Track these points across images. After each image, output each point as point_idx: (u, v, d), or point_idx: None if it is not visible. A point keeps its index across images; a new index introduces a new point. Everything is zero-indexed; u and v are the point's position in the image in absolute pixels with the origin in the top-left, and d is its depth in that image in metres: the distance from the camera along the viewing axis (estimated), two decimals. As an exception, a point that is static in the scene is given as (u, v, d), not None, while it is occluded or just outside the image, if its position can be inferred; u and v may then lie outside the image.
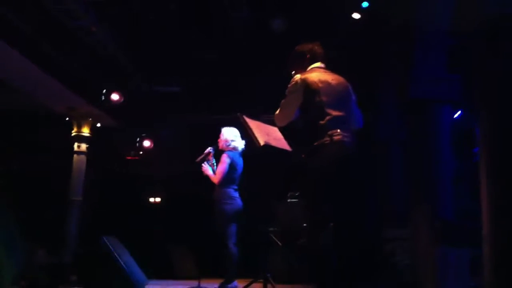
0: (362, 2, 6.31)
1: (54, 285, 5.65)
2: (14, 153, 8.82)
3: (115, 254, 5.06)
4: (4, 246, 2.80)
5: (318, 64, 3.47)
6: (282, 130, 4.09)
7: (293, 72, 3.50)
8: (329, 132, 3.14)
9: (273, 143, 4.27)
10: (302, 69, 3.46)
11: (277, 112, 3.48)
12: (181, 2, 6.81)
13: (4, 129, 8.52)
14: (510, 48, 4.15)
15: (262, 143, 4.11)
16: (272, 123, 4.59)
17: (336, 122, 3.19)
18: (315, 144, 3.16)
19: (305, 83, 3.28)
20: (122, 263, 5.02)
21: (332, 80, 3.35)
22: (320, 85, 3.27)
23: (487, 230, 4.22)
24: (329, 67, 3.52)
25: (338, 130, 3.15)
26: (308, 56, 3.49)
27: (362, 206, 3.28)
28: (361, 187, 3.31)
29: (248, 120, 4.30)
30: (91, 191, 8.60)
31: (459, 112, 7.68)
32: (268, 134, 4.34)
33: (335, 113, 3.21)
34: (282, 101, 3.43)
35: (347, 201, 3.17)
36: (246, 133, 4.41)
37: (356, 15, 6.42)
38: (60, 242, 7.68)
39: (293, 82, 3.35)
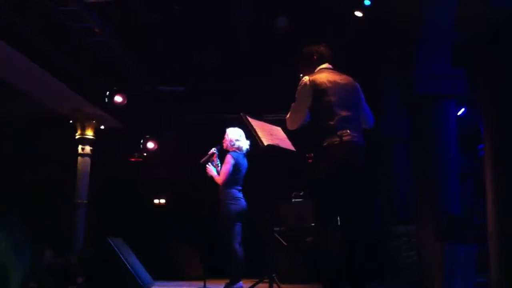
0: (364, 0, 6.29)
1: (61, 286, 5.67)
2: (21, 158, 8.87)
3: (121, 255, 5.06)
4: (12, 248, 2.81)
5: (325, 65, 3.47)
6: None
7: (301, 74, 3.49)
8: (339, 133, 3.13)
9: (277, 143, 4.26)
10: (310, 70, 3.46)
11: (288, 115, 3.47)
12: (184, 3, 6.82)
13: (10, 134, 8.57)
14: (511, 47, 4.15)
15: (265, 143, 4.10)
16: (275, 123, 4.60)
17: (345, 122, 3.18)
18: (325, 144, 3.16)
19: (314, 84, 3.27)
20: (127, 264, 5.03)
21: (340, 80, 3.35)
22: (329, 85, 3.26)
23: (493, 226, 4.21)
24: (334, 65, 3.52)
25: (348, 131, 3.14)
26: (315, 57, 3.49)
27: (369, 205, 3.27)
28: (369, 186, 3.29)
29: (251, 120, 4.29)
30: (97, 193, 8.61)
31: (462, 110, 7.66)
32: (272, 134, 4.33)
33: (344, 113, 3.20)
34: (292, 104, 3.42)
35: (355, 200, 3.18)
36: (250, 133, 4.40)
37: (358, 13, 6.41)
38: (67, 244, 7.69)
39: (302, 84, 3.34)
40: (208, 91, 8.55)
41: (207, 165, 5.10)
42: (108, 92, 7.33)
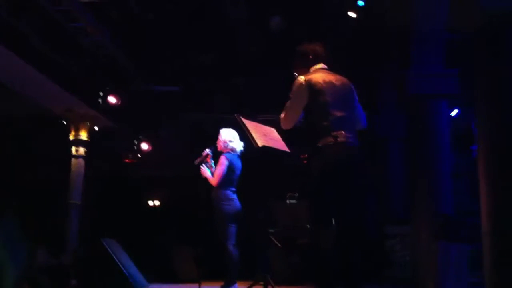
0: (358, 0, 6.30)
1: (55, 287, 5.65)
2: (16, 158, 8.83)
3: (114, 257, 5.06)
4: (6, 248, 2.80)
5: (321, 65, 3.46)
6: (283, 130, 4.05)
7: (296, 73, 3.48)
8: (333, 133, 3.13)
9: (271, 144, 4.25)
10: (305, 69, 3.45)
11: (282, 115, 3.45)
12: (180, 2, 6.80)
13: (6, 133, 8.54)
14: (510, 48, 4.16)
15: (260, 144, 4.09)
16: (270, 123, 4.59)
17: (340, 123, 3.18)
18: (319, 144, 3.15)
19: (309, 84, 3.27)
20: (121, 266, 5.02)
21: (335, 80, 3.34)
22: (324, 85, 3.26)
23: (486, 225, 4.22)
24: (328, 65, 3.51)
25: (343, 132, 3.14)
26: (310, 56, 3.48)
27: (364, 206, 3.26)
28: (363, 186, 3.29)
29: (245, 121, 4.28)
30: (91, 194, 8.58)
31: (456, 111, 7.69)
32: (266, 135, 4.32)
33: (339, 113, 3.20)
34: (287, 103, 3.40)
35: (350, 201, 3.17)
36: (244, 134, 4.39)
37: (352, 14, 6.41)
38: (61, 244, 7.67)
39: (298, 84, 3.32)
40: (205, 91, 8.53)
41: (201, 166, 5.09)
42: (101, 93, 7.29)
